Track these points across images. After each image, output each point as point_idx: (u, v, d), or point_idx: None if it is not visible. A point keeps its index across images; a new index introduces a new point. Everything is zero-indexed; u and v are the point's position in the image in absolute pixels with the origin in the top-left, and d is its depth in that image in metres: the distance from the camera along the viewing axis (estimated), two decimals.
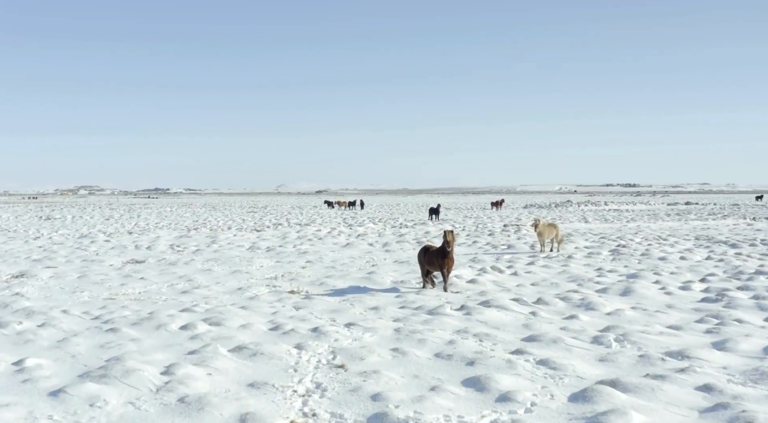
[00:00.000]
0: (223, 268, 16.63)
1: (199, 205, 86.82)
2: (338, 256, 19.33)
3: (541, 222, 19.73)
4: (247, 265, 17.36)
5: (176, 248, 21.97)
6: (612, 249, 20.45)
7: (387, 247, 21.87)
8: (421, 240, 24.40)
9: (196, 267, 16.93)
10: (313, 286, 13.42)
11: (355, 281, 13.98)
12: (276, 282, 14.15)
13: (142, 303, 11.66)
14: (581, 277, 14.21)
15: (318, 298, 11.78)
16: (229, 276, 15.25)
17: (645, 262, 17.13)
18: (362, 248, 21.83)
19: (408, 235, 27.35)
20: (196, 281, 14.36)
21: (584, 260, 17.64)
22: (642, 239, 24.11)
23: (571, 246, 21.47)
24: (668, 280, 13.87)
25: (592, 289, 12.86)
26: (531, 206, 69.05)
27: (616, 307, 10.73)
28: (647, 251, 19.61)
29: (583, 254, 19.06)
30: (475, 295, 12.01)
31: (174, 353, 7.88)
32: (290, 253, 20.25)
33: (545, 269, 15.79)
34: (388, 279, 14.12)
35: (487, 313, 10.03)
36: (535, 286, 13.25)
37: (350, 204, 66.34)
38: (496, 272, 15.09)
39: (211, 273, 15.76)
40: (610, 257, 18.30)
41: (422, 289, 12.85)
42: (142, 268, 16.80)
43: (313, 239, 25.61)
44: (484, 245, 22.47)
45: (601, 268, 15.97)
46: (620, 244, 21.93)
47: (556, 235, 20.23)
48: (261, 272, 15.91)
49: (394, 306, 10.97)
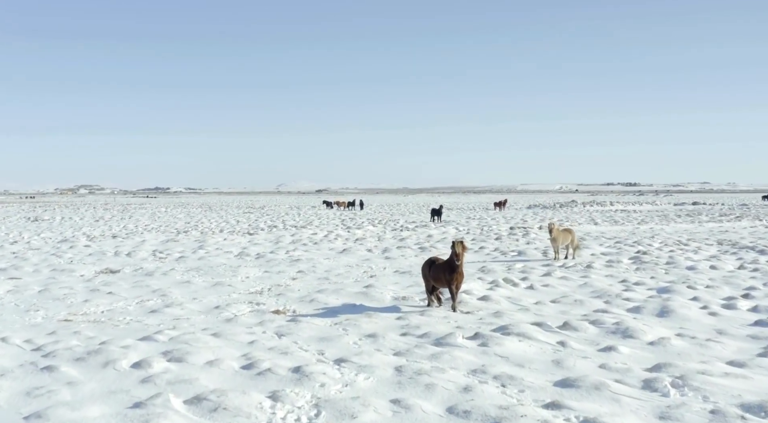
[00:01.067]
0: (204, 280, 14.94)
1: (195, 206, 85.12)
2: (333, 265, 17.63)
3: (556, 226, 18.04)
4: (232, 275, 15.67)
5: (159, 255, 20.27)
6: (632, 256, 18.74)
7: (387, 254, 20.17)
8: (423, 245, 22.71)
9: (174, 278, 15.23)
10: (302, 304, 11.72)
11: (350, 297, 12.28)
12: (261, 298, 12.46)
13: (99, 327, 9.96)
14: (606, 292, 12.50)
15: (306, 320, 10.08)
16: (210, 290, 13.56)
17: (673, 273, 15.43)
18: (360, 255, 20.13)
19: (409, 239, 25.64)
20: (170, 297, 12.67)
21: (605, 270, 15.92)
22: (661, 244, 22.41)
23: (586, 252, 19.77)
24: (706, 295, 12.18)
25: (623, 307, 11.16)
26: (535, 206, 67.34)
27: (658, 333, 9.03)
28: (671, 259, 17.92)
29: (602, 262, 17.35)
30: (489, 316, 10.31)
31: (114, 407, 6.18)
32: (281, 260, 18.55)
33: (564, 282, 14.09)
34: (388, 294, 12.42)
35: (507, 344, 8.32)
36: (556, 303, 11.54)
37: (349, 204, 64.66)
38: (510, 285, 13.38)
39: (190, 286, 14.06)
40: (633, 266, 16.59)
41: (427, 308, 11.16)
42: (114, 279, 15.11)
43: (308, 244, 23.91)
44: (492, 251, 20.77)
45: (626, 280, 14.27)
46: (640, 250, 20.21)
47: (571, 241, 18.55)
48: (246, 285, 14.22)
49: (394, 332, 9.27)
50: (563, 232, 18.43)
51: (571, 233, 18.56)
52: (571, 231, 18.72)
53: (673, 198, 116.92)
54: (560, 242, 18.18)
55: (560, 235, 18.15)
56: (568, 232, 18.52)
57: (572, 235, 18.56)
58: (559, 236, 18.11)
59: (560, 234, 18.17)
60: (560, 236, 18.14)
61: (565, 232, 18.49)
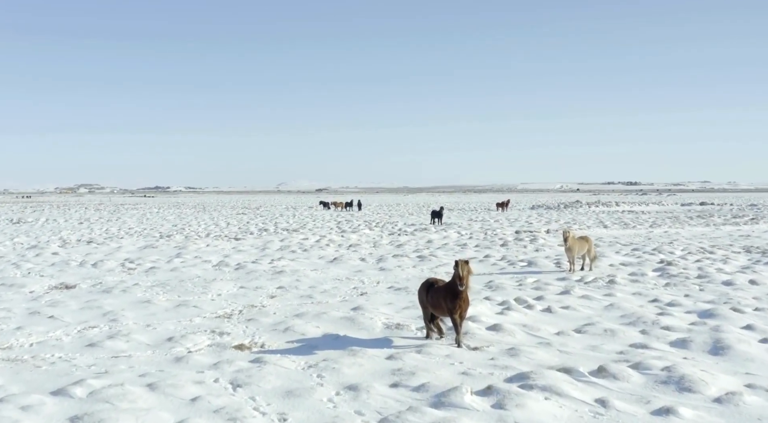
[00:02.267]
0: (168, 298, 12.92)
1: (190, 206, 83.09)
2: (320, 278, 15.60)
3: (571, 234, 16.01)
4: (202, 292, 13.65)
5: (128, 265, 18.23)
6: (657, 267, 16.70)
7: (382, 264, 18.13)
8: (422, 252, 20.68)
9: (134, 296, 13.20)
10: (275, 334, 9.69)
11: (333, 324, 10.26)
12: (227, 324, 10.43)
13: (14, 369, 7.94)
14: (640, 317, 10.47)
15: (274, 360, 8.05)
16: (170, 312, 11.54)
17: (709, 290, 13.41)
18: (352, 265, 18.10)
19: (407, 245, 23.61)
20: (120, 323, 10.64)
21: (631, 286, 13.88)
22: (684, 252, 20.38)
23: (604, 262, 17.72)
24: (760, 322, 10.14)
25: (665, 339, 9.13)
26: (538, 207, 65.29)
27: (722, 384, 7.00)
28: (702, 271, 15.89)
29: (625, 275, 15.32)
30: (503, 355, 8.28)
31: None
32: (263, 272, 16.51)
33: (586, 302, 12.05)
34: (379, 320, 10.38)
35: (530, 405, 6.29)
36: (582, 334, 9.50)
37: (347, 204, 62.64)
38: (524, 308, 11.34)
39: (149, 307, 12.03)
40: (662, 281, 14.55)
41: (426, 340, 9.15)
42: (64, 298, 13.07)
43: (296, 251, 21.89)
44: (499, 260, 18.73)
45: (658, 300, 12.24)
46: (663, 260, 18.17)
47: (588, 251, 16.52)
48: (215, 305, 12.20)
49: (383, 381, 7.24)
50: (579, 240, 16.41)
51: (587, 241, 16.53)
52: (588, 239, 16.68)
53: (677, 197, 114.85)
54: (576, 252, 16.17)
55: (576, 244, 16.13)
56: (585, 241, 16.49)
57: (589, 244, 16.53)
58: (575, 245, 16.09)
59: (576, 242, 16.15)
60: (576, 245, 16.12)
61: (581, 240, 16.47)
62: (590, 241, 16.65)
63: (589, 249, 16.52)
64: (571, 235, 15.95)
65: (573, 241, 16.02)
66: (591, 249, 16.57)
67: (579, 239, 16.45)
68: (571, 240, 15.93)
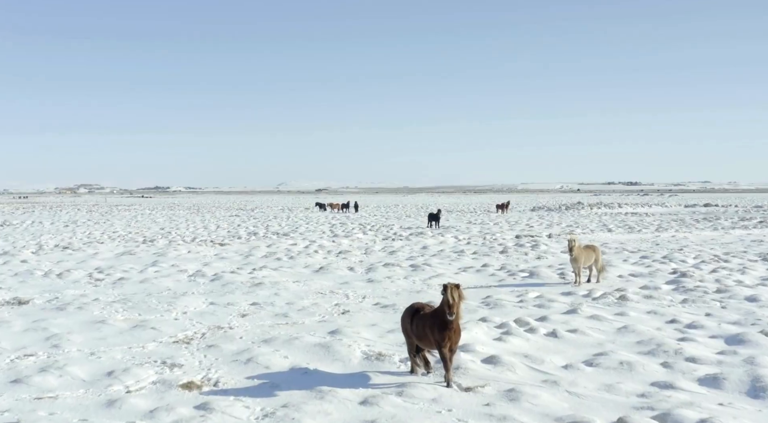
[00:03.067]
0: (126, 317, 11.52)
1: (185, 207, 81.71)
2: (302, 292, 14.21)
3: (577, 243, 14.61)
4: (167, 309, 12.25)
5: (96, 276, 16.83)
6: (670, 279, 15.31)
7: (371, 274, 16.75)
8: (416, 260, 19.30)
9: (89, 314, 11.80)
10: (234, 367, 8.30)
11: (305, 352, 8.87)
12: (182, 353, 9.04)
13: None
14: (659, 344, 9.07)
15: (222, 408, 6.65)
16: (124, 335, 10.14)
17: (732, 307, 12.02)
18: (339, 275, 16.71)
19: (401, 251, 22.21)
20: (62, 349, 9.26)
21: (644, 303, 12.46)
22: (697, 260, 18.99)
23: (612, 273, 16.32)
24: None
25: (692, 375, 7.73)
26: (539, 209, 63.91)
27: None
28: (720, 284, 14.52)
29: (636, 289, 13.92)
30: (501, 400, 6.87)
31: None
32: (240, 285, 15.11)
33: (596, 323, 10.65)
34: (358, 349, 8.98)
35: None
36: (594, 367, 8.10)
37: (344, 206, 61.28)
38: (525, 331, 9.94)
39: (102, 328, 10.63)
40: (678, 296, 13.15)
41: (410, 376, 7.76)
42: (12, 316, 11.67)
43: (282, 258, 20.51)
44: (498, 270, 17.33)
45: (677, 320, 10.85)
46: (676, 270, 16.78)
47: (595, 261, 15.13)
48: (177, 326, 10.81)
49: None
50: (586, 249, 15.02)
51: (595, 251, 15.13)
52: (596, 249, 15.28)
53: (679, 198, 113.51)
54: (582, 262, 14.78)
55: (582, 254, 14.73)
56: (592, 250, 15.10)
57: (596, 254, 15.14)
58: (581, 255, 14.70)
59: (582, 252, 14.75)
60: (582, 255, 14.73)
61: (588, 249, 15.08)
62: (597, 250, 15.25)
63: (597, 259, 15.14)
64: (576, 244, 14.56)
65: (579, 250, 14.63)
66: (598, 259, 15.19)
67: (585, 248, 15.07)
68: (577, 249, 14.55)
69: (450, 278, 15.91)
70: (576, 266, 14.75)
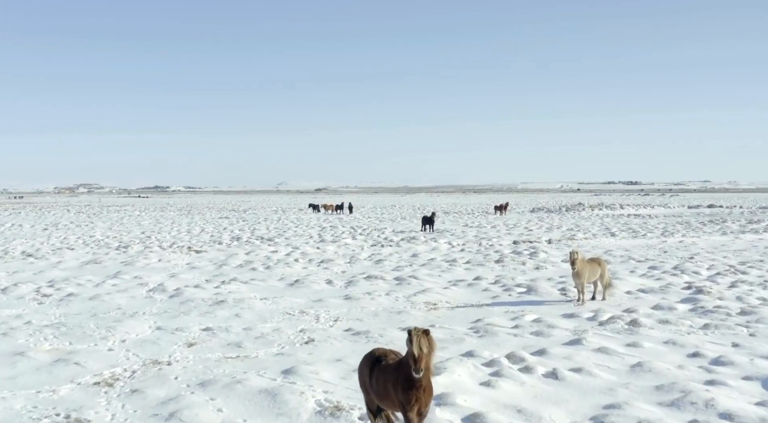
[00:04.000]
0: (54, 347, 9.80)
1: (177, 208, 79.96)
2: (267, 312, 12.49)
3: (580, 257, 12.89)
4: (104, 336, 10.52)
5: (45, 291, 15.09)
6: (685, 297, 13.60)
7: (350, 289, 15.04)
8: (402, 271, 17.59)
9: (12, 343, 10.03)
10: None
11: (244, 404, 7.15)
12: (96, 401, 7.32)
13: None
14: (684, 392, 7.35)
15: None
16: (40, 373, 8.43)
17: (762, 333, 10.30)
18: (314, 290, 15.00)
19: (388, 260, 20.50)
20: None
21: (659, 329, 10.72)
22: (710, 271, 17.29)
23: (620, 287, 14.57)
24: None
25: None
26: (539, 210, 62.16)
27: None
28: (743, 302, 12.82)
29: (647, 309, 12.20)
30: None
31: None
32: (200, 303, 13.39)
33: (604, 359, 8.92)
34: (312, 398, 7.25)
35: None
36: None
37: (337, 207, 59.57)
38: (520, 371, 8.21)
39: (18, 363, 8.88)
40: (697, 319, 11.39)
41: None
42: None
43: (257, 269, 18.80)
44: (492, 284, 15.61)
45: (700, 353, 9.12)
46: (690, 284, 15.07)
47: (601, 276, 13.43)
48: (107, 360, 9.09)
49: None
50: (590, 263, 13.30)
51: (600, 265, 13.42)
52: (601, 262, 13.57)
53: (681, 198, 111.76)
54: (586, 278, 13.06)
55: (586, 269, 13.01)
56: (597, 265, 13.39)
57: (602, 268, 13.43)
58: (585, 270, 12.98)
59: (586, 267, 13.03)
60: (586, 270, 13.01)
61: (592, 263, 13.36)
62: (603, 263, 13.54)
63: (602, 274, 13.43)
64: (579, 257, 12.84)
65: (582, 264, 12.91)
66: (604, 274, 13.48)
67: (589, 262, 13.35)
68: (580, 263, 12.83)
69: (438, 294, 14.22)
70: (579, 282, 13.05)
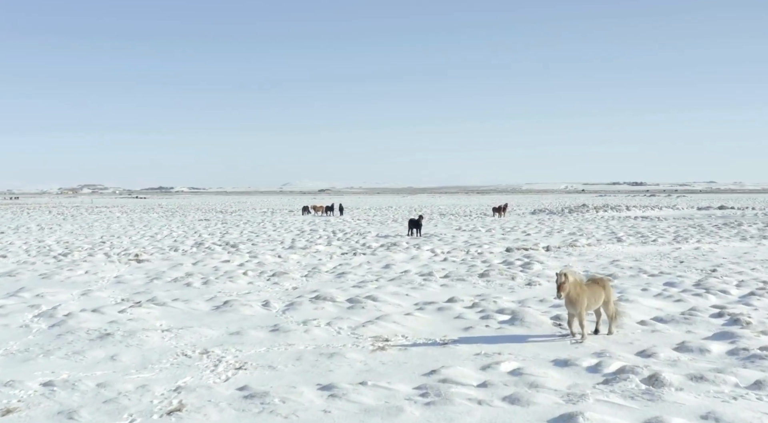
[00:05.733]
0: None
1: (164, 209, 76.94)
2: (155, 353, 9.28)
3: (571, 279, 9.54)
4: None
5: None
6: (717, 332, 10.28)
7: (286, 315, 11.83)
8: (361, 290, 14.41)
9: None
10: None
11: None
12: None
13: None
14: None
15: None
16: None
17: None
18: (240, 316, 11.81)
19: (352, 274, 17.29)
20: None
21: (691, 390, 7.40)
22: (741, 289, 14.06)
23: (631, 316, 11.21)
24: None
25: None
26: (540, 212, 58.81)
27: None
28: None
29: (670, 352, 8.94)
30: None
31: None
32: (81, 336, 10.22)
33: None
34: None
35: None
36: None
37: (327, 209, 56.47)
38: None
39: None
40: (741, 370, 8.09)
41: None
42: None
43: (192, 284, 15.67)
44: (467, 308, 12.36)
45: None
46: (719, 309, 11.80)
47: (605, 304, 10.12)
48: None
49: None
50: (591, 286, 9.95)
51: (605, 289, 10.08)
52: (605, 284, 10.22)
53: (688, 199, 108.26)
54: (581, 306, 9.68)
55: (582, 295, 9.62)
56: (600, 288, 10.04)
57: (607, 292, 10.09)
58: (581, 296, 9.59)
59: (582, 292, 9.63)
60: (582, 296, 9.61)
61: (593, 287, 9.98)
62: (608, 287, 10.21)
63: (607, 300, 10.11)
64: (569, 280, 9.46)
65: (577, 288, 9.56)
66: (609, 300, 10.14)
67: (590, 285, 10.01)
68: (574, 288, 9.49)
69: (395, 323, 11.02)
70: (575, 311, 9.72)
